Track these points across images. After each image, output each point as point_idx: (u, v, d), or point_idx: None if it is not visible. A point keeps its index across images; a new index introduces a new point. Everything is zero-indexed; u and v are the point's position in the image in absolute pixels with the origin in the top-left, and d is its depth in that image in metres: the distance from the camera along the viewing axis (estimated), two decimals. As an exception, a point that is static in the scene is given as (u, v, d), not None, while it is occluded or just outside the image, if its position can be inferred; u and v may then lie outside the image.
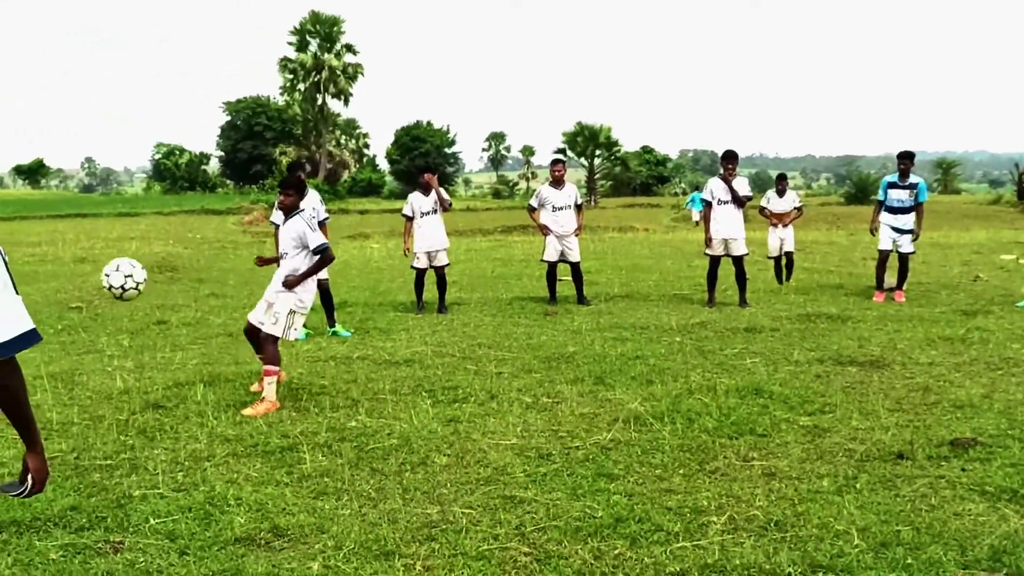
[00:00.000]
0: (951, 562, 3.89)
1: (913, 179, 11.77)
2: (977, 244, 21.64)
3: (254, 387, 7.20)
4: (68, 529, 4.38)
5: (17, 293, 2.56)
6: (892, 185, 11.83)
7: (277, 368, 6.83)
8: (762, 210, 14.49)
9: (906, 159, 11.75)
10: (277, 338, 6.92)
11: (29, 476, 2.74)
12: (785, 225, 14.16)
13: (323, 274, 9.86)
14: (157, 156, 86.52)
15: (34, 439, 2.71)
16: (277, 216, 9.19)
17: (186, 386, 7.33)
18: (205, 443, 5.78)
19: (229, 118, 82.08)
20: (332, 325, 10.27)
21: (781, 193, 14.31)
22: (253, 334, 7.19)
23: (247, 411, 6.54)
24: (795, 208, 14.43)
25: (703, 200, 11.97)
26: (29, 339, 2.50)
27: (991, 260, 17.38)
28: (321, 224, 10.04)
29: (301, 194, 7.45)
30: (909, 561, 3.90)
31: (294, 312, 7.02)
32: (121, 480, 5.09)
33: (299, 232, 7.03)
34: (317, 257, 7.07)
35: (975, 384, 7.03)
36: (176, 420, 6.35)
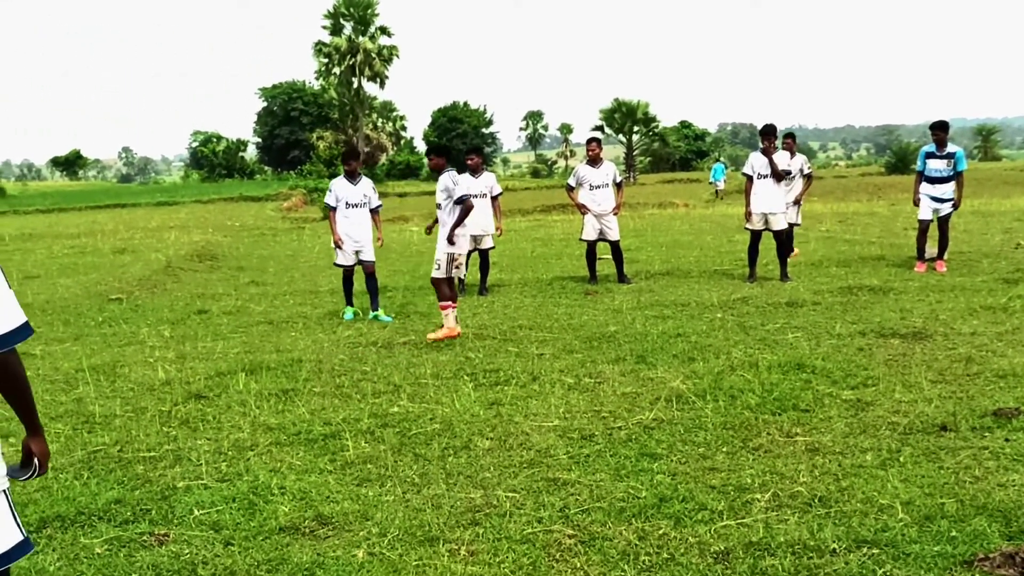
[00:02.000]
0: (996, 533, 3.85)
1: (951, 148, 11.57)
2: (1019, 211, 21.18)
3: (429, 335, 8.72)
4: (113, 523, 4.45)
5: (10, 287, 2.66)
6: (930, 155, 11.66)
7: (450, 303, 8.72)
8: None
9: (940, 130, 11.55)
10: (443, 279, 8.78)
11: (35, 459, 2.84)
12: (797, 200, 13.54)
13: (369, 255, 10.30)
14: (194, 144, 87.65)
15: (36, 424, 2.83)
16: (330, 198, 10.41)
17: (228, 375, 7.42)
18: (248, 432, 5.85)
19: (265, 104, 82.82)
20: (375, 309, 10.34)
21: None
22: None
23: (430, 335, 8.62)
24: (804, 176, 13.64)
25: (744, 174, 11.84)
26: (24, 332, 2.60)
27: (1035, 226, 17.01)
28: (373, 212, 10.47)
29: (444, 157, 9.03)
30: (954, 534, 3.87)
31: (453, 257, 8.82)
32: (165, 472, 5.16)
33: (446, 184, 8.80)
34: (459, 207, 8.75)
35: (1017, 353, 6.92)
36: (219, 410, 6.43)
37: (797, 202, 13.55)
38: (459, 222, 8.77)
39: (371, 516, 4.38)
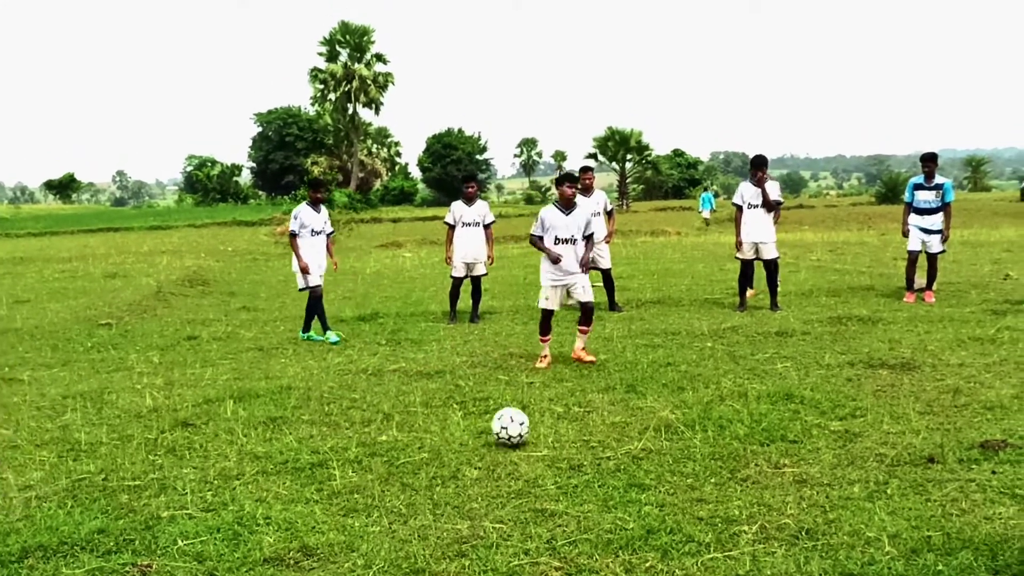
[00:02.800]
0: (982, 567, 3.85)
1: (939, 180, 11.67)
2: (1007, 242, 21.32)
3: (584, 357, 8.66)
4: (95, 553, 4.39)
5: None
6: (918, 187, 11.77)
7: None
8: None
9: (929, 161, 11.67)
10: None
11: None
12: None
13: (316, 281, 10.76)
14: (189, 168, 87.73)
15: None
16: (295, 225, 10.71)
17: (216, 403, 7.39)
18: (235, 461, 5.81)
19: (260, 129, 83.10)
20: (306, 331, 10.90)
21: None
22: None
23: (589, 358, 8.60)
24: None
25: (734, 204, 11.89)
26: None
27: (1021, 258, 17.11)
28: (328, 237, 11.00)
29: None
30: (940, 567, 3.87)
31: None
32: (149, 501, 5.11)
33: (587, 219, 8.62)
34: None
35: (1005, 385, 6.95)
36: (206, 438, 6.39)
37: None
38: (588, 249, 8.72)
39: (356, 547, 4.35)
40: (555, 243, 8.46)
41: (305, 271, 10.66)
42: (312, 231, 10.75)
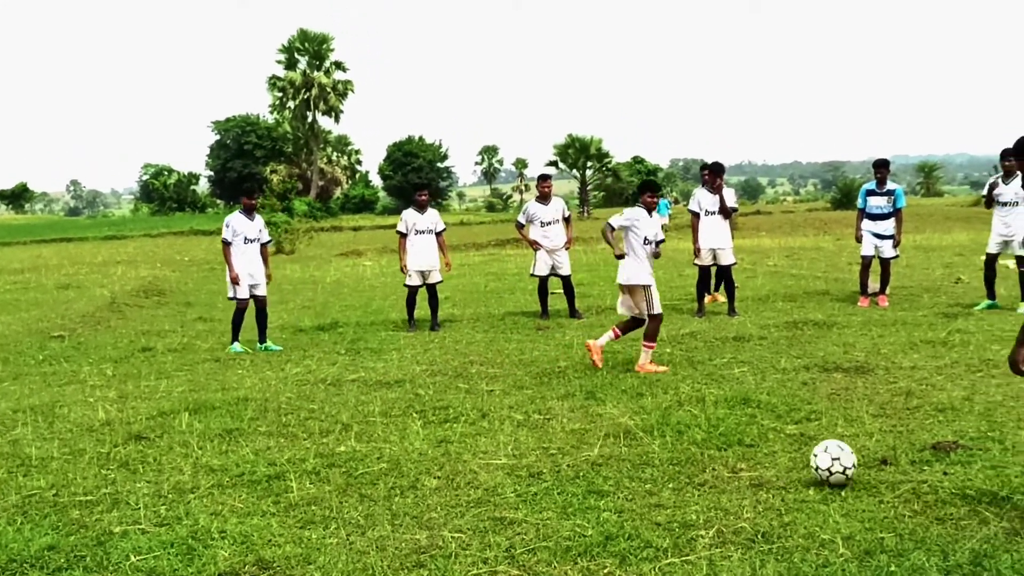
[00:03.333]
0: (934, 568, 3.91)
1: (890, 185, 11.89)
2: (959, 246, 21.76)
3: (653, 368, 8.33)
4: (45, 570, 4.30)
5: None
6: (871, 192, 11.98)
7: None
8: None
9: (882, 167, 11.91)
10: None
11: None
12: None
13: (263, 291, 10.80)
14: (145, 177, 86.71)
15: None
16: (228, 233, 10.61)
17: (171, 415, 7.28)
18: (189, 474, 5.73)
19: (218, 137, 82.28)
20: (264, 341, 10.79)
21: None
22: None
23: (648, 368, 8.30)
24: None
25: (691, 211, 12.02)
26: None
27: (972, 262, 17.44)
28: (264, 246, 10.94)
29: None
30: (892, 568, 3.92)
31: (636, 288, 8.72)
32: (102, 516, 5.01)
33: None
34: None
35: (956, 387, 7.08)
36: (160, 451, 6.29)
37: None
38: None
39: (313, 560, 4.31)
40: (644, 243, 8.68)
41: (235, 282, 10.59)
42: (245, 239, 10.63)
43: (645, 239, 8.63)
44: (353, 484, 5.42)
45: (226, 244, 10.68)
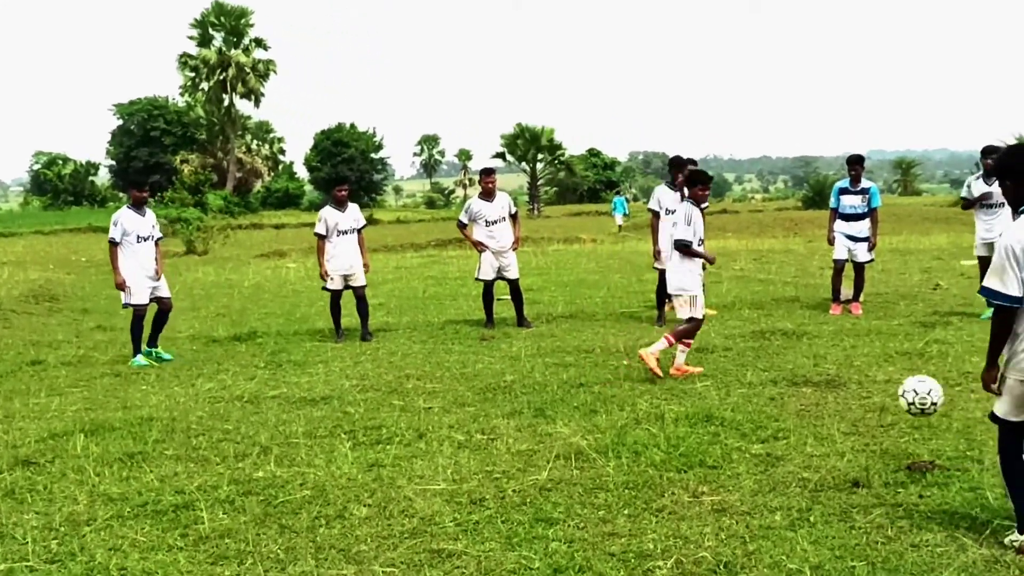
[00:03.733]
0: (909, 600, 4.01)
1: (865, 183, 12.13)
2: (938, 249, 22.30)
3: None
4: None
5: None
6: (844, 191, 12.19)
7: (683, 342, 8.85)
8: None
9: (856, 164, 12.12)
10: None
11: None
12: None
13: (165, 291, 10.75)
14: (36, 166, 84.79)
15: None
16: (115, 232, 10.40)
17: (64, 437, 7.16)
18: (85, 504, 5.64)
19: (121, 122, 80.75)
20: (152, 345, 10.82)
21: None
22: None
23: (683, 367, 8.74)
24: None
25: (650, 209, 12.12)
26: None
27: (952, 266, 17.92)
28: (157, 243, 10.75)
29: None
30: (865, 601, 4.01)
31: (679, 296, 8.99)
32: (-15, 552, 4.91)
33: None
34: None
35: (933, 403, 7.25)
36: (51, 478, 6.18)
37: None
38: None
39: (227, 598, 4.27)
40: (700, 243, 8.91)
41: (120, 287, 10.50)
42: (138, 237, 10.48)
43: (700, 239, 8.90)
44: (272, 514, 5.37)
45: (113, 244, 10.53)
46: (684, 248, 8.85)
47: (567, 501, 5.39)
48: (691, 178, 9.17)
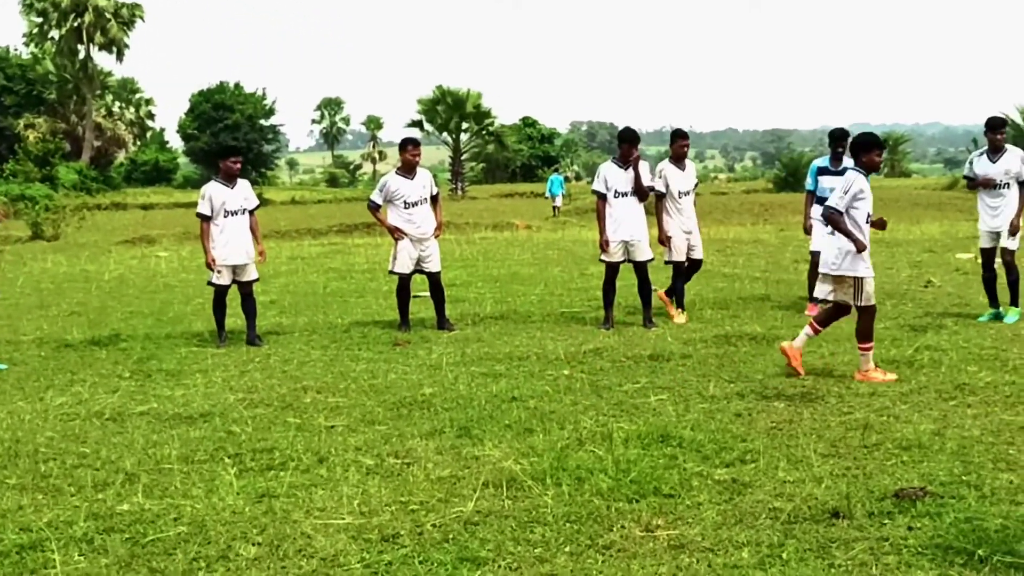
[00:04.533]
0: (896, 649, 4.11)
1: (847, 163, 12.31)
2: (930, 240, 22.87)
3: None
4: None
5: None
6: (823, 171, 12.36)
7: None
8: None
9: (839, 140, 12.25)
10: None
11: None
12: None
13: None
14: None
15: None
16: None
17: None
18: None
19: (-53, 78, 78.85)
20: None
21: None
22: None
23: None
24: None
25: (595, 191, 12.12)
26: None
27: (945, 260, 18.39)
28: None
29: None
30: (846, 651, 4.11)
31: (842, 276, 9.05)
32: None
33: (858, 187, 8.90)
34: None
35: (924, 419, 7.44)
36: None
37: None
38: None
39: (85, 658, 4.21)
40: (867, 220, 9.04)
41: None
42: None
43: (868, 215, 8.98)
44: (140, 555, 5.31)
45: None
46: (834, 219, 8.94)
47: (497, 537, 5.41)
48: (862, 142, 9.26)
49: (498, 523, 5.61)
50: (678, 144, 12.47)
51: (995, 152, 11.39)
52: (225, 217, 11.45)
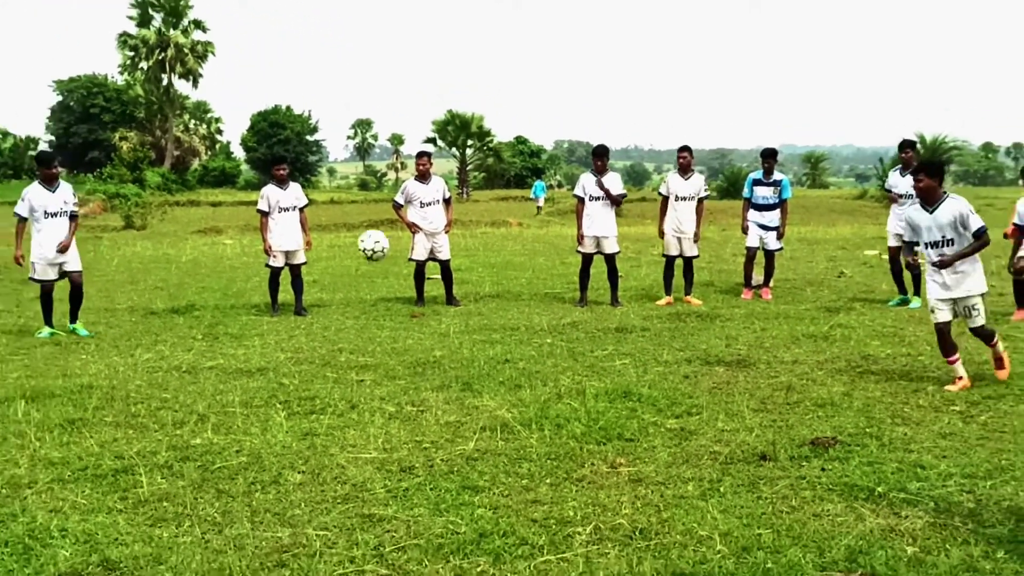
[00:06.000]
0: (809, 564, 4.11)
1: (777, 176, 12.34)
2: (843, 239, 22.84)
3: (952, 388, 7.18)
4: None
5: None
6: (757, 182, 12.39)
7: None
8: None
9: (769, 158, 12.28)
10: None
11: None
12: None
13: (75, 266, 10.39)
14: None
15: None
16: (22, 208, 10.15)
17: (4, 403, 7.01)
18: (26, 468, 5.52)
19: (61, 98, 78.38)
20: (74, 321, 10.44)
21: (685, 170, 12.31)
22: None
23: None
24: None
25: (575, 196, 12.21)
26: None
27: (855, 256, 18.39)
28: (73, 217, 10.28)
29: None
30: (769, 565, 4.11)
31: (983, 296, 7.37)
32: (-74, 514, 4.80)
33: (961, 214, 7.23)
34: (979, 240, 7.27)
35: (836, 382, 7.45)
36: (-8, 443, 6.03)
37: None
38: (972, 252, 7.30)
39: (165, 560, 4.20)
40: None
41: (18, 262, 10.33)
42: (46, 213, 10.09)
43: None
44: (209, 479, 5.31)
45: (18, 219, 10.31)
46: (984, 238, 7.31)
47: (492, 470, 5.41)
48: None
49: (493, 459, 5.62)
50: (680, 156, 12.36)
51: (906, 168, 11.37)
52: (280, 212, 11.43)
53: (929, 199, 7.39)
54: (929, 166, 7.47)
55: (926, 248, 7.45)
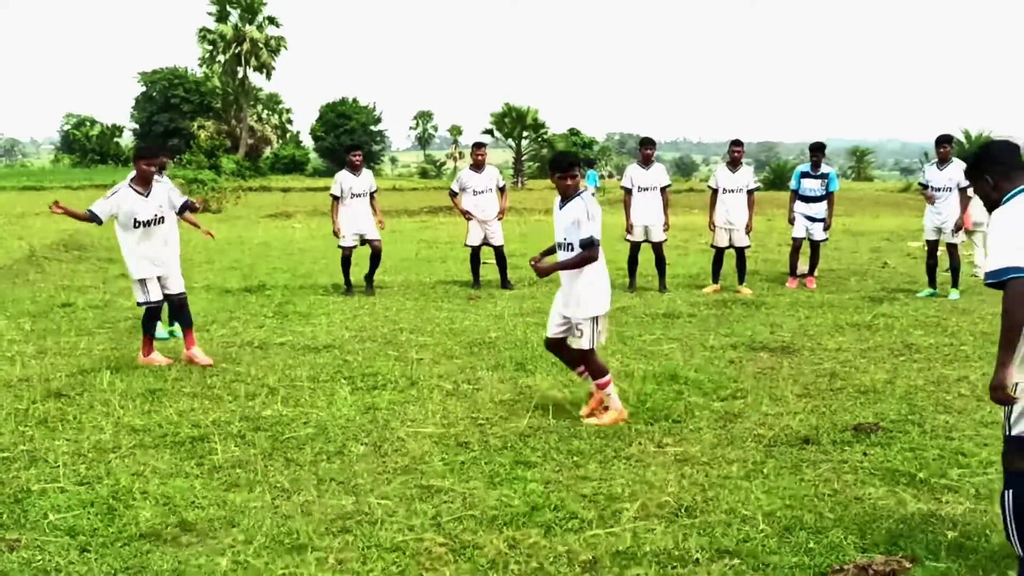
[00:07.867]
0: (851, 546, 4.05)
1: (824, 169, 12.10)
2: (887, 231, 22.33)
3: (584, 411, 6.12)
4: (-41, 527, 4.20)
5: None
6: (805, 175, 12.17)
7: (607, 377, 5.97)
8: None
9: (817, 151, 12.06)
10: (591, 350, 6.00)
11: None
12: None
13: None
14: (66, 127, 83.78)
15: None
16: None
17: (91, 373, 7.14)
18: (110, 434, 5.64)
19: (144, 89, 79.77)
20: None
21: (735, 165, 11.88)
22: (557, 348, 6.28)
23: (591, 420, 5.88)
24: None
25: (623, 187, 12.10)
26: None
27: (899, 247, 17.96)
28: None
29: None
30: (811, 545, 4.05)
31: (596, 321, 6.10)
32: (19, 474, 4.94)
33: (577, 216, 6.25)
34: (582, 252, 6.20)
35: (879, 370, 7.30)
36: (80, 409, 6.18)
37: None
38: (572, 265, 6.54)
39: (237, 523, 4.28)
40: None
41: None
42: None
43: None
44: (279, 448, 5.38)
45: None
46: None
47: (544, 447, 5.41)
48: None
49: (545, 436, 5.61)
50: (734, 150, 12.17)
51: (942, 162, 11.11)
52: (351, 198, 11.49)
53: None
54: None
55: None
